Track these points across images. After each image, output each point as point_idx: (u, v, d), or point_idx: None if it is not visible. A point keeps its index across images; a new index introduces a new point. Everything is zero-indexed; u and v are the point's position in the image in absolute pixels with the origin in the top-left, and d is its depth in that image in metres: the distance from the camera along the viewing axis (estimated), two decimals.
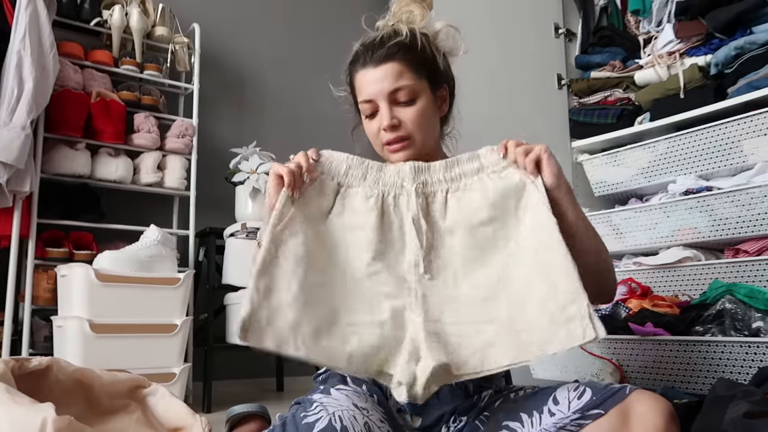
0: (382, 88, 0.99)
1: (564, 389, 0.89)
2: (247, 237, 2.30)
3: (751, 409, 1.00)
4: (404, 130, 0.99)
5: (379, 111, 1.00)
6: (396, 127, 0.99)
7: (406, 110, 1.00)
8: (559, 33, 2.69)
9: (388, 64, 0.99)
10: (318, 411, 0.83)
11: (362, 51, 1.02)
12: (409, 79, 0.99)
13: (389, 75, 0.99)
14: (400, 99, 0.99)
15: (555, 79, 2.64)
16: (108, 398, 1.05)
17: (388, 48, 0.99)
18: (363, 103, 1.02)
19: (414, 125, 1.00)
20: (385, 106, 0.99)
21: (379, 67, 0.99)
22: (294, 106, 3.04)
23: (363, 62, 1.01)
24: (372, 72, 1.00)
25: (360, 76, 1.02)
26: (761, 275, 1.82)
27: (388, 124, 0.98)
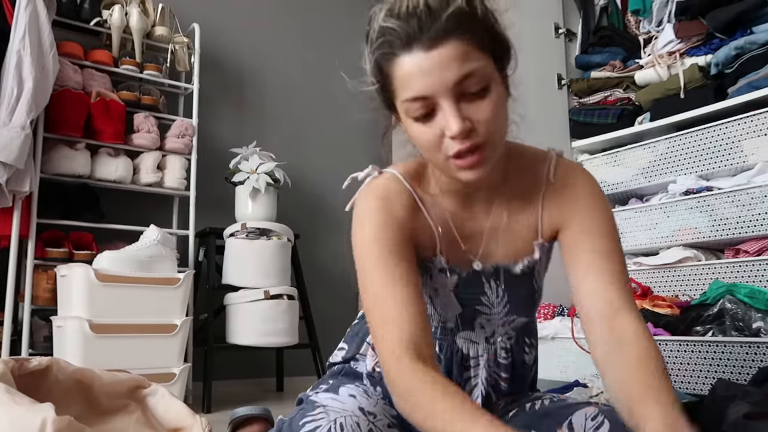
0: (444, 79, 0.70)
1: (581, 414, 0.81)
2: (247, 237, 2.30)
3: (751, 410, 1.00)
4: (480, 134, 0.73)
5: (437, 111, 0.73)
6: (471, 131, 0.72)
7: (480, 105, 0.72)
8: (559, 33, 2.69)
9: (448, 44, 0.70)
10: (319, 416, 0.79)
11: (402, 26, 0.71)
12: (477, 60, 0.72)
13: (454, 58, 0.70)
14: (469, 90, 0.72)
15: (555, 79, 2.64)
16: (108, 398, 1.05)
17: (446, 19, 0.70)
18: (411, 102, 0.73)
19: (491, 125, 0.73)
20: (450, 105, 0.71)
21: (437, 48, 0.70)
22: (294, 106, 3.04)
23: (407, 43, 0.71)
24: (424, 57, 0.70)
25: (405, 62, 0.72)
26: (761, 275, 1.82)
27: (460, 129, 0.70)
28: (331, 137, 3.07)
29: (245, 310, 2.24)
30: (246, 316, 2.24)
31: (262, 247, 2.29)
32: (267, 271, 2.26)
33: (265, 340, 2.22)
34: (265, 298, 2.22)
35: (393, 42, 0.72)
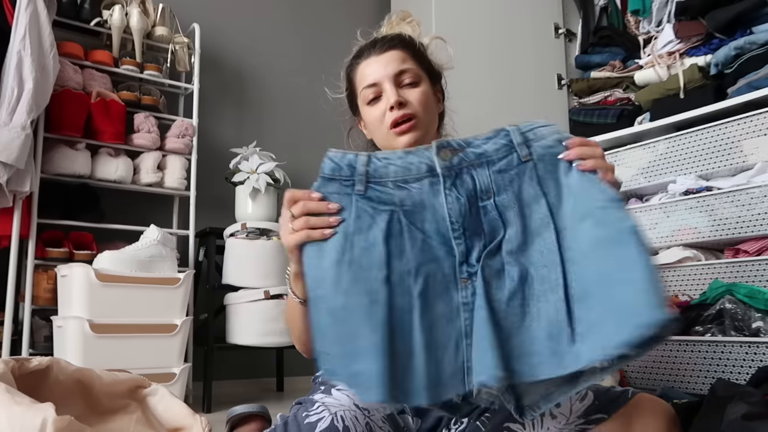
0: (387, 71, 1.02)
1: None
2: (247, 237, 2.30)
3: (749, 411, 1.00)
4: (410, 108, 1.01)
5: (382, 95, 1.02)
6: (403, 104, 1.00)
7: (411, 91, 1.02)
8: (559, 33, 2.69)
9: (393, 50, 1.04)
10: (320, 411, 0.83)
11: (365, 46, 1.06)
12: (411, 65, 1.03)
13: (395, 59, 1.03)
14: (404, 81, 1.02)
15: (555, 79, 2.64)
16: (108, 398, 1.05)
17: (391, 39, 1.05)
18: (366, 88, 1.03)
19: (420, 105, 1.01)
20: (390, 87, 1.01)
21: (385, 53, 1.03)
22: (294, 106, 3.04)
23: (367, 54, 1.05)
24: (376, 59, 1.03)
25: (363, 66, 1.05)
26: (761, 275, 1.82)
27: (395, 100, 0.99)
28: (331, 137, 3.07)
29: (245, 310, 2.24)
30: (246, 316, 2.24)
31: (262, 247, 2.29)
32: (267, 271, 2.27)
33: (265, 340, 2.23)
34: (265, 298, 2.22)
35: (358, 56, 1.07)
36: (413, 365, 0.71)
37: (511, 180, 0.77)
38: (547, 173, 0.76)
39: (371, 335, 0.71)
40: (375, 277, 0.74)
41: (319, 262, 0.76)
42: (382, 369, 0.70)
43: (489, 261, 0.75)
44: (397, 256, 0.76)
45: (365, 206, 0.77)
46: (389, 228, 0.76)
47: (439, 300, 0.75)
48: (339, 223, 0.77)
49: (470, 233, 0.76)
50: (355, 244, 0.76)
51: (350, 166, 0.79)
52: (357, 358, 0.71)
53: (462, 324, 0.74)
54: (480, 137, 0.79)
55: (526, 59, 2.61)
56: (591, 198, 0.73)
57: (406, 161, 0.78)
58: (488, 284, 0.74)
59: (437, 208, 0.77)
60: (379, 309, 0.73)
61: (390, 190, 0.78)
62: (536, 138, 0.78)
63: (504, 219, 0.76)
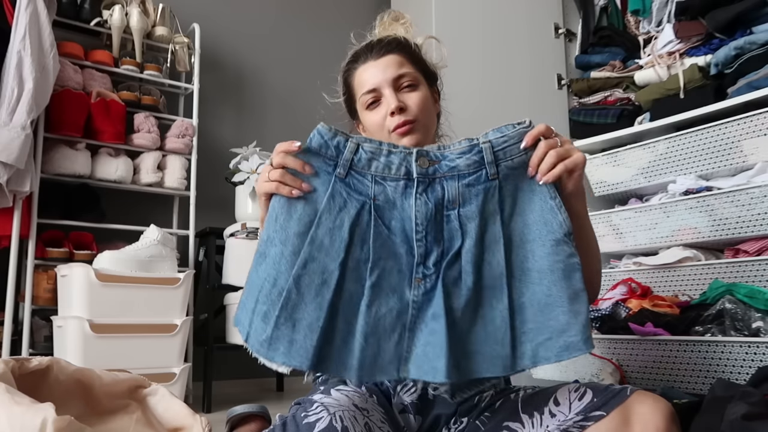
0: (386, 76, 1.02)
1: (564, 390, 0.89)
2: (247, 237, 2.30)
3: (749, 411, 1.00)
4: (411, 113, 1.01)
5: (382, 99, 1.03)
6: (403, 110, 1.00)
7: (410, 95, 1.02)
8: (559, 33, 2.69)
9: (390, 55, 1.04)
10: (319, 411, 0.83)
11: (362, 50, 1.06)
12: (410, 68, 1.04)
13: (392, 64, 1.03)
14: (403, 85, 1.03)
15: (555, 79, 2.64)
16: (108, 398, 1.05)
17: (388, 43, 1.05)
18: (365, 94, 1.04)
19: (419, 109, 1.02)
20: (390, 92, 1.01)
21: (382, 58, 1.04)
22: (294, 106, 3.04)
23: (364, 59, 1.05)
24: (374, 63, 1.04)
25: (361, 71, 1.05)
26: (761, 275, 1.82)
27: (396, 105, 1.00)
28: None
29: None
30: None
31: None
32: None
33: None
34: None
35: (355, 61, 1.07)
36: (352, 345, 0.79)
37: (477, 194, 0.84)
38: (507, 193, 0.84)
39: (315, 312, 0.78)
40: (332, 258, 0.81)
41: (285, 224, 0.82)
42: (315, 345, 0.77)
43: (448, 270, 0.82)
44: (359, 245, 0.82)
45: (341, 189, 0.84)
46: (358, 216, 0.83)
47: (391, 294, 0.81)
48: (309, 191, 0.84)
49: (431, 238, 0.83)
50: (322, 223, 0.82)
51: (337, 148, 0.84)
52: (295, 327, 0.78)
53: (408, 319, 0.81)
54: (456, 150, 0.84)
55: (526, 59, 2.61)
56: (549, 227, 0.82)
57: (388, 159, 0.84)
58: (447, 291, 0.81)
59: (406, 209, 0.83)
60: (327, 291, 0.79)
61: (368, 182, 0.84)
62: (505, 158, 0.84)
63: (464, 229, 0.83)
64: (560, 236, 0.81)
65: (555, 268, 0.81)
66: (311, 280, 0.80)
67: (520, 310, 0.81)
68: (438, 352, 0.77)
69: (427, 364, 0.78)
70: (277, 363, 0.78)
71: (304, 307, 0.79)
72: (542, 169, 0.84)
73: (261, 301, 0.80)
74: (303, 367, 0.77)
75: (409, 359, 0.80)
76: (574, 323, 0.79)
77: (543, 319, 0.80)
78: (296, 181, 0.84)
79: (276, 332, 0.78)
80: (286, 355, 0.78)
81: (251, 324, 0.80)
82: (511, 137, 0.85)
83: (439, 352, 0.77)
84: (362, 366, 0.79)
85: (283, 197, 0.84)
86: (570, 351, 0.78)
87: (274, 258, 0.81)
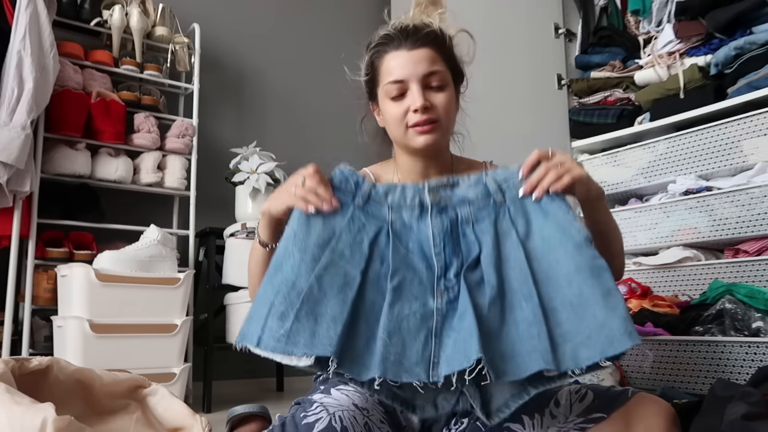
0: (416, 71, 0.98)
1: (565, 391, 0.89)
2: (247, 237, 2.30)
3: (749, 411, 1.00)
4: (435, 113, 0.99)
5: (407, 93, 0.99)
6: (428, 108, 0.98)
7: (437, 95, 0.99)
8: (559, 33, 2.69)
9: (424, 48, 0.99)
10: (318, 411, 0.83)
11: (395, 34, 1.01)
12: (441, 66, 1.00)
13: (425, 59, 0.99)
14: (432, 83, 0.99)
15: (555, 79, 2.64)
16: (108, 398, 1.05)
17: (425, 35, 0.99)
18: (391, 83, 1.00)
19: (444, 110, 1.00)
20: (417, 88, 0.98)
21: (415, 50, 0.99)
22: (294, 106, 3.04)
23: (396, 44, 1.00)
24: (406, 54, 0.99)
25: (391, 57, 1.00)
26: (761, 275, 1.82)
27: (421, 104, 0.97)
28: (331, 137, 3.07)
29: (245, 310, 2.22)
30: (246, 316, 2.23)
31: None
32: None
33: None
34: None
35: (386, 44, 1.01)
36: (374, 346, 0.77)
37: (489, 214, 0.88)
38: (517, 213, 0.87)
39: (338, 306, 0.78)
40: (353, 266, 0.82)
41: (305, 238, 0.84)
42: (340, 335, 0.76)
43: (469, 273, 0.83)
44: (378, 260, 0.84)
45: (360, 215, 0.88)
46: (376, 238, 0.86)
47: (414, 300, 0.82)
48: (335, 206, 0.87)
49: (449, 250, 0.85)
50: (342, 238, 0.84)
51: (357, 184, 0.90)
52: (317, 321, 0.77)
53: (433, 325, 0.81)
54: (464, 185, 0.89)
55: (526, 59, 2.61)
56: (567, 234, 0.83)
57: (403, 193, 0.89)
58: (471, 291, 0.81)
59: (423, 230, 0.87)
60: (350, 291, 0.80)
61: (385, 210, 0.89)
62: (508, 188, 0.89)
63: (481, 242, 0.85)
64: (581, 240, 0.82)
65: (582, 269, 0.80)
66: (333, 280, 0.80)
67: (553, 314, 0.79)
68: (468, 340, 0.75)
69: (458, 355, 0.76)
70: (298, 355, 0.75)
71: (327, 302, 0.78)
72: (542, 186, 0.86)
73: (277, 304, 0.79)
74: (326, 353, 0.74)
75: (440, 363, 0.78)
76: (612, 317, 0.75)
77: (578, 319, 0.77)
78: (320, 200, 0.87)
79: (296, 325, 0.77)
80: (308, 345, 0.75)
81: (264, 328, 0.78)
82: (512, 173, 0.89)
83: (470, 340, 0.75)
84: (385, 364, 0.76)
85: (302, 216, 0.86)
86: (614, 346, 0.73)
87: (292, 265, 0.81)
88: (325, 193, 0.87)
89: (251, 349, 0.78)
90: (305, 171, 0.90)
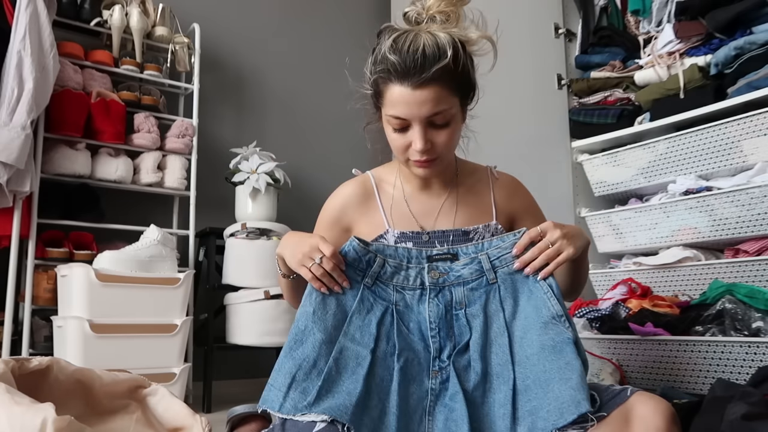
0: (420, 113, 0.96)
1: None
2: (247, 237, 2.30)
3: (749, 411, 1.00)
4: (435, 152, 1.00)
5: (409, 128, 0.99)
6: (429, 150, 0.99)
7: (439, 133, 0.99)
8: (559, 33, 2.69)
9: (430, 88, 0.94)
10: None
11: (400, 63, 0.94)
12: (447, 104, 0.97)
13: (429, 100, 0.94)
14: (436, 122, 0.98)
15: (555, 79, 2.63)
16: (108, 398, 1.05)
17: (432, 72, 0.93)
18: (393, 117, 0.98)
19: (445, 148, 1.01)
20: (419, 130, 0.97)
21: (420, 90, 0.94)
22: (294, 106, 3.04)
23: (400, 77, 0.95)
24: (410, 93, 0.94)
25: (395, 90, 0.96)
26: (761, 275, 1.82)
27: (422, 148, 0.98)
28: (331, 137, 3.07)
29: (245, 310, 2.24)
30: (246, 316, 2.24)
31: (262, 247, 2.29)
32: (267, 271, 2.27)
33: (265, 340, 2.23)
34: (265, 298, 2.22)
35: (391, 72, 0.96)
36: (387, 420, 0.88)
37: (480, 296, 0.98)
38: (507, 293, 0.98)
39: (352, 384, 0.89)
40: (364, 347, 0.93)
41: (323, 317, 0.95)
42: (354, 404, 0.85)
43: (459, 358, 0.94)
44: (384, 340, 0.95)
45: (369, 296, 0.99)
46: (383, 318, 0.97)
47: (413, 381, 0.93)
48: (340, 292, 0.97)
49: (444, 334, 0.96)
50: (353, 321, 0.96)
51: (368, 263, 0.99)
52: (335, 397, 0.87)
53: (427, 405, 0.91)
54: (461, 263, 0.99)
55: (525, 59, 2.61)
56: (539, 314, 0.94)
57: (407, 273, 0.99)
58: (459, 376, 0.92)
59: (421, 312, 0.98)
60: (361, 370, 0.91)
61: (390, 290, 0.99)
62: (501, 265, 0.99)
63: (471, 325, 0.96)
64: (548, 319, 0.92)
65: (545, 346, 0.90)
66: (347, 363, 0.91)
67: (525, 391, 0.89)
68: (460, 424, 0.86)
69: None
70: (317, 412, 0.84)
71: (342, 382, 0.89)
72: (533, 267, 0.95)
73: (299, 379, 0.89)
74: (344, 419, 0.83)
75: None
76: (564, 389, 0.85)
77: (543, 393, 0.87)
78: (332, 283, 0.96)
79: (318, 401, 0.86)
80: (329, 409, 0.84)
81: (286, 397, 0.88)
82: (505, 248, 0.99)
83: (461, 423, 0.86)
84: None
85: (319, 294, 0.96)
86: (564, 416, 0.82)
87: (313, 344, 0.92)
88: (340, 278, 0.96)
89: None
90: (324, 248, 0.94)
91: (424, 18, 0.98)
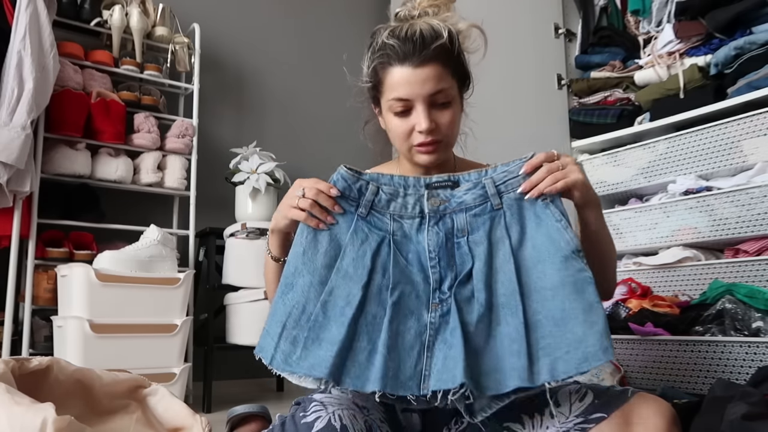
0: (422, 90, 0.95)
1: (565, 391, 0.89)
2: (247, 237, 2.30)
3: (749, 411, 1.00)
4: (439, 133, 0.98)
5: (412, 111, 0.97)
6: (433, 130, 0.97)
7: (443, 114, 0.98)
8: (559, 33, 2.69)
9: (431, 66, 0.95)
10: (317, 410, 0.83)
11: (400, 46, 0.96)
12: (447, 83, 0.97)
13: (432, 77, 0.95)
14: (437, 101, 0.97)
15: (555, 79, 2.64)
16: (108, 398, 1.05)
17: (433, 49, 0.95)
18: (395, 100, 0.97)
19: (448, 129, 0.99)
20: (423, 109, 0.96)
21: (422, 68, 0.95)
22: (294, 107, 3.04)
23: (401, 59, 0.96)
24: (412, 72, 0.95)
25: (396, 72, 0.97)
26: (761, 275, 1.83)
27: (427, 127, 0.96)
28: (331, 137, 3.07)
29: (245, 310, 2.24)
30: (246, 316, 2.24)
31: (262, 247, 2.29)
32: None
33: None
34: (265, 298, 2.22)
35: (391, 55, 0.96)
36: (374, 360, 0.82)
37: (484, 222, 0.91)
38: (513, 219, 0.90)
39: (337, 329, 0.84)
40: (356, 282, 0.88)
41: (313, 257, 0.90)
42: (334, 356, 0.81)
43: (461, 289, 0.87)
44: (380, 272, 0.89)
45: (363, 226, 0.92)
46: (379, 249, 0.90)
47: (410, 315, 0.87)
48: (333, 223, 0.91)
49: (444, 263, 0.89)
50: (347, 254, 0.89)
51: (359, 191, 0.92)
52: (321, 345, 0.84)
53: (426, 339, 0.85)
54: (463, 188, 0.92)
55: (526, 59, 2.61)
56: (555, 245, 0.86)
57: (405, 200, 0.92)
58: (460, 308, 0.86)
59: (420, 242, 0.91)
60: (349, 310, 0.85)
61: (387, 220, 0.92)
62: (507, 190, 0.91)
63: (473, 254, 0.89)
64: (568, 252, 0.85)
65: (566, 283, 0.84)
66: (335, 304, 0.86)
67: (536, 327, 0.83)
68: (456, 362, 0.80)
69: (446, 374, 0.81)
70: (299, 375, 0.83)
71: (329, 326, 0.85)
72: (538, 188, 0.88)
73: (289, 326, 0.86)
74: (322, 374, 0.80)
75: (430, 376, 0.83)
76: (590, 333, 0.80)
77: (559, 333, 0.81)
78: (323, 214, 0.91)
79: (304, 352, 0.84)
80: (310, 368, 0.82)
81: (277, 348, 0.85)
82: (512, 171, 0.91)
83: (457, 361, 0.80)
84: (384, 379, 0.81)
85: (310, 232, 0.91)
86: (589, 361, 0.78)
87: (302, 287, 0.88)
88: (327, 202, 0.91)
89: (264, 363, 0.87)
90: (305, 182, 0.92)
91: (415, 15, 1.00)
